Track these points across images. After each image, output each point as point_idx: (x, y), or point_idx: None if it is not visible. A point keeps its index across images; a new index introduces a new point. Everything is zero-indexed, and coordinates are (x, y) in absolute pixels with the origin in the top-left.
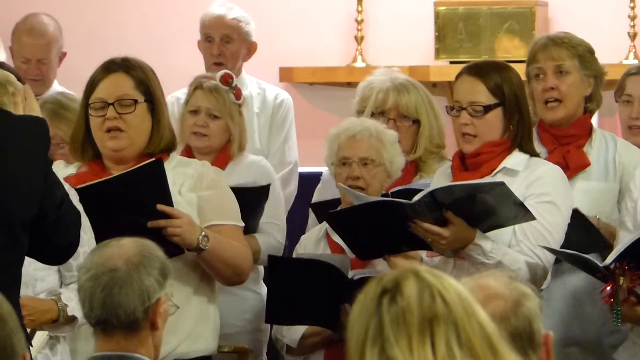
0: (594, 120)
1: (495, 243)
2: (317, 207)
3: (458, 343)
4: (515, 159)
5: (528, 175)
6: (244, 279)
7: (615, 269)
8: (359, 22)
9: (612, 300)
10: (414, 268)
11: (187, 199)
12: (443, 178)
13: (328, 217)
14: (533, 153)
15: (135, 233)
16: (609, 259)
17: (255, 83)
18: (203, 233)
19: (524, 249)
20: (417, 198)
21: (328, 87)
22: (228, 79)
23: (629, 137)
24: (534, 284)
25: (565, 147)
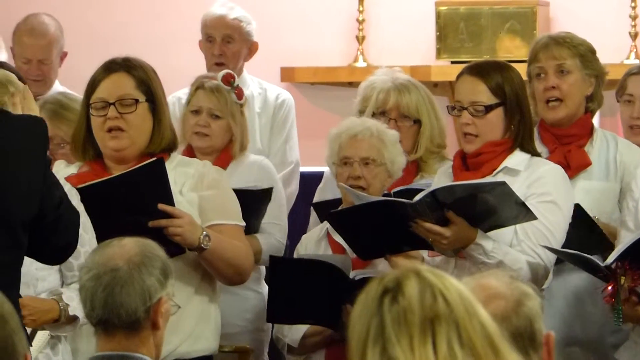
0: (596, 120)
1: (497, 243)
2: (319, 206)
3: (459, 343)
4: (517, 159)
5: (529, 175)
6: (245, 279)
7: (617, 269)
8: (360, 22)
9: (613, 300)
10: (416, 268)
11: (188, 199)
12: (444, 178)
13: (329, 216)
14: (534, 153)
15: (137, 233)
16: (610, 259)
17: (257, 83)
18: (204, 232)
19: (525, 249)
20: (418, 198)
21: (329, 87)
22: (230, 79)
23: (630, 136)
24: (535, 284)
25: (567, 146)
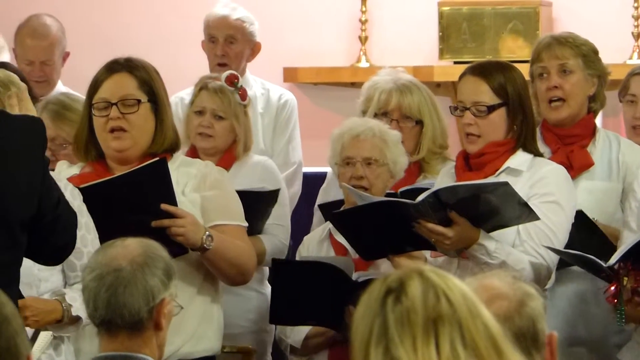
0: (598, 121)
1: (499, 243)
2: (324, 207)
3: (462, 343)
4: (519, 159)
5: (532, 175)
6: (248, 279)
7: (619, 269)
8: (363, 22)
9: (616, 301)
10: (419, 268)
11: (190, 199)
12: (447, 178)
13: (332, 217)
14: (537, 153)
15: (139, 233)
16: (613, 259)
17: (259, 83)
18: (207, 233)
19: (528, 249)
20: (421, 198)
21: (332, 87)
22: (233, 80)
23: (633, 137)
24: (538, 284)
25: (569, 146)
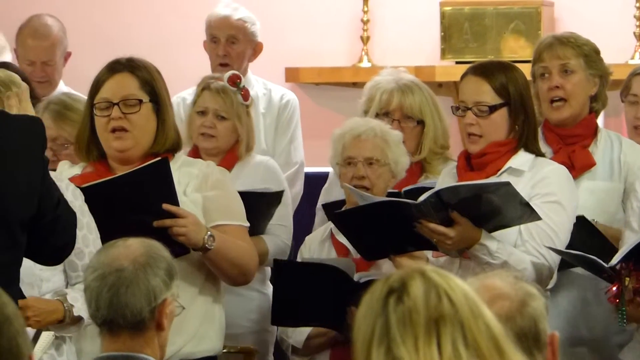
0: (600, 121)
1: (501, 243)
2: (327, 207)
3: (464, 343)
4: (521, 159)
5: (533, 175)
6: (250, 279)
7: (621, 270)
8: (365, 22)
9: (617, 301)
10: (421, 268)
11: (192, 199)
12: (448, 178)
13: (333, 217)
14: (538, 153)
15: (141, 233)
16: (615, 260)
17: (261, 83)
18: (209, 233)
19: (530, 249)
20: (422, 198)
21: (334, 87)
22: (236, 80)
23: (635, 137)
24: (540, 284)
25: (571, 147)
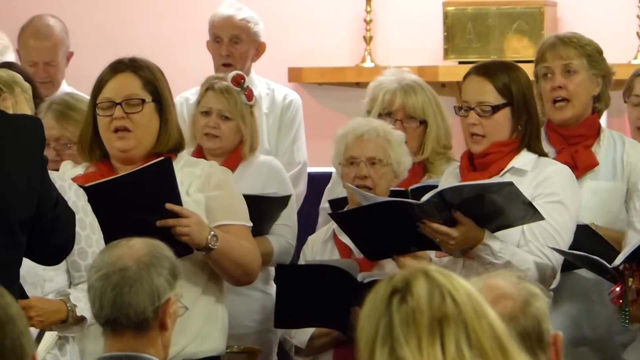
0: (603, 121)
1: (504, 243)
2: (333, 203)
3: (468, 343)
4: (524, 159)
5: (536, 175)
6: (253, 279)
7: (625, 270)
8: (368, 22)
9: (620, 302)
10: (424, 268)
11: (194, 199)
12: (451, 178)
13: (336, 217)
14: (541, 153)
15: (144, 232)
16: (618, 260)
17: (264, 83)
18: (212, 232)
19: (533, 249)
20: (425, 198)
21: (337, 87)
22: (240, 80)
23: (638, 137)
24: (543, 284)
25: (574, 147)
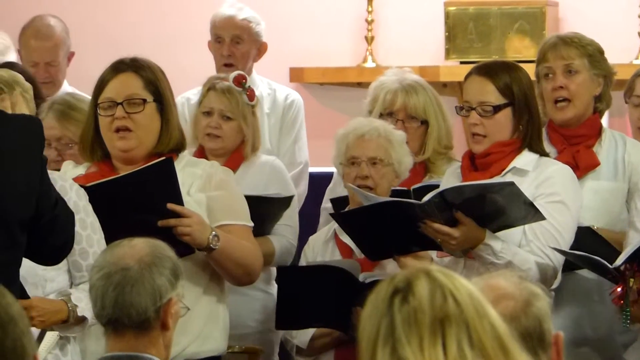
0: (604, 121)
1: (505, 243)
2: (335, 202)
3: (469, 344)
4: (525, 159)
5: (538, 175)
6: (254, 279)
7: (626, 271)
8: (369, 22)
9: (622, 302)
10: (426, 268)
11: (195, 199)
12: (453, 178)
13: (337, 217)
14: (543, 153)
15: (145, 232)
16: (619, 261)
17: (266, 83)
18: (213, 232)
19: (534, 249)
20: (426, 198)
21: (338, 87)
22: (241, 80)
23: (639, 137)
24: (544, 284)
25: (575, 147)
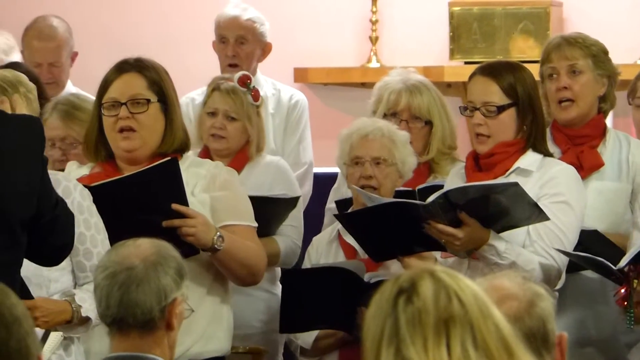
0: (609, 121)
1: (509, 244)
2: (340, 204)
3: (474, 344)
4: (529, 159)
5: (542, 176)
6: (259, 280)
7: (629, 272)
8: (374, 22)
9: (625, 303)
10: (430, 268)
11: (200, 200)
12: (457, 179)
13: (341, 218)
14: (547, 153)
15: (149, 233)
16: (623, 262)
17: (270, 84)
18: (218, 233)
19: (538, 250)
20: (431, 199)
21: (342, 87)
22: (246, 81)
23: None
24: (548, 285)
25: (579, 147)
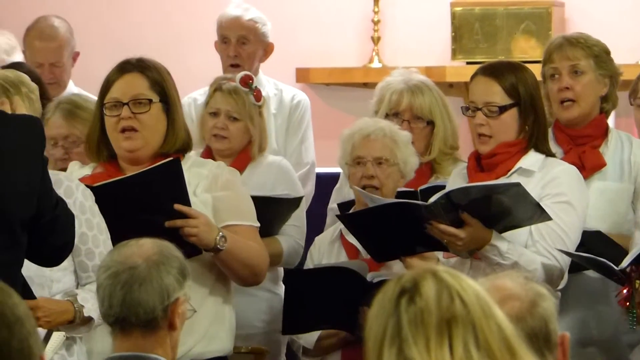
0: (611, 121)
1: (512, 244)
2: (342, 206)
3: (476, 345)
4: (531, 159)
5: (544, 176)
6: (261, 280)
7: (632, 272)
8: (376, 22)
9: (628, 304)
10: (433, 268)
11: (202, 200)
12: (459, 179)
13: (343, 218)
14: (549, 153)
15: (152, 233)
16: (625, 262)
17: (272, 84)
18: (220, 233)
19: (540, 250)
20: (433, 200)
21: (344, 87)
22: (248, 81)
23: None
24: (550, 285)
25: (581, 147)
